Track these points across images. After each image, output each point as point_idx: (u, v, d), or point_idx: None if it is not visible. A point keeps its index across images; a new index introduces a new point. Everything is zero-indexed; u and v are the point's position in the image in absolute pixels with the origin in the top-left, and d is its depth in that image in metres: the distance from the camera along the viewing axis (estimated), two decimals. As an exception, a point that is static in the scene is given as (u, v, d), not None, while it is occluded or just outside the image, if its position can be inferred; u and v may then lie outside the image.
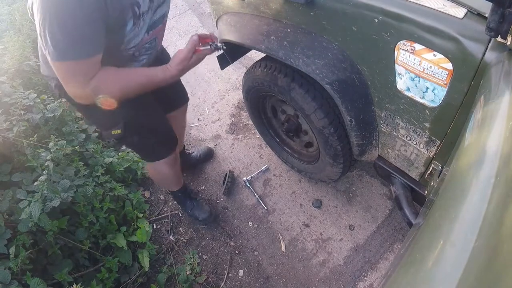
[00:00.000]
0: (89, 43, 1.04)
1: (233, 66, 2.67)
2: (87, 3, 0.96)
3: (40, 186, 1.59)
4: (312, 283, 1.81)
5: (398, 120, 1.29)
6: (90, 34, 1.02)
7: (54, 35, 0.99)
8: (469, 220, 0.55)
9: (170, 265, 1.99)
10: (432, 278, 0.51)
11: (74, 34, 1.00)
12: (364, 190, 2.11)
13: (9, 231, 1.54)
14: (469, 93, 0.99)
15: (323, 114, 1.52)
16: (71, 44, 1.01)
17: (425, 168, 1.34)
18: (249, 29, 1.57)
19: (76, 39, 1.01)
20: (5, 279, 1.40)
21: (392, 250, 1.85)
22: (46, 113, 2.04)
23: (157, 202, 2.31)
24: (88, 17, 0.98)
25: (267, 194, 2.21)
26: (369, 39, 1.15)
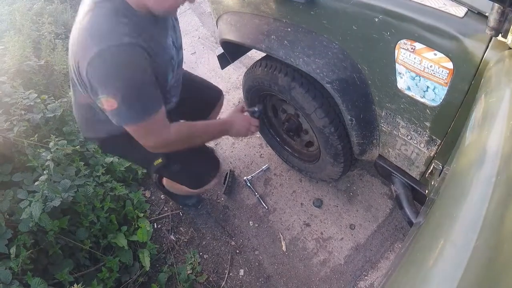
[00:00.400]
0: (154, 100, 1.17)
1: (233, 65, 2.66)
2: (149, 70, 1.12)
3: (41, 186, 1.60)
4: (312, 282, 1.81)
5: (399, 119, 1.29)
6: (153, 93, 1.16)
7: (126, 103, 1.12)
8: (469, 219, 0.55)
9: (171, 264, 1.99)
10: (432, 277, 0.51)
11: (143, 98, 1.13)
12: (364, 190, 2.10)
13: (10, 231, 1.55)
14: (469, 92, 0.99)
15: (323, 113, 1.52)
16: (142, 107, 1.14)
17: (426, 167, 1.34)
18: (250, 29, 1.57)
19: (145, 101, 1.14)
20: (6, 279, 1.40)
21: (392, 250, 1.85)
22: (46, 113, 2.04)
23: (158, 202, 2.31)
24: (150, 80, 1.14)
25: (267, 194, 2.21)
26: (370, 38, 1.15)
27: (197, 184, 1.69)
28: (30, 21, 3.44)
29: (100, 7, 1.10)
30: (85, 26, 1.10)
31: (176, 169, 1.59)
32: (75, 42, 1.14)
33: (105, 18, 1.09)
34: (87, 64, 1.07)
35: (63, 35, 4.31)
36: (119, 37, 1.06)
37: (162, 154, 1.50)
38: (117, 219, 2.00)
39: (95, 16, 1.10)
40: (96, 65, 1.07)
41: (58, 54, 2.91)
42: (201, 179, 1.68)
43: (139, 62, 1.11)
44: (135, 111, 1.15)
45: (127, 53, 1.08)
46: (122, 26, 1.08)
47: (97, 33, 1.07)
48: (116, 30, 1.07)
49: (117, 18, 1.09)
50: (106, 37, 1.06)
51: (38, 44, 3.13)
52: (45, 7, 4.48)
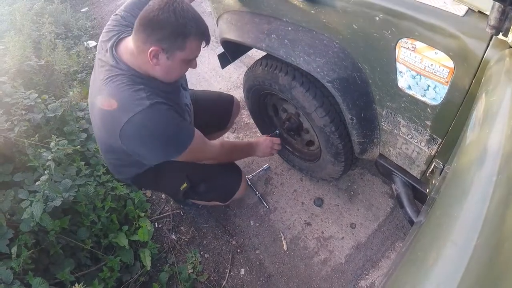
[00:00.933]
0: (187, 131, 1.39)
1: (234, 65, 2.67)
2: (174, 113, 1.32)
3: (42, 186, 1.60)
4: (313, 281, 1.81)
5: (400, 118, 1.29)
6: (184, 127, 1.38)
7: (166, 148, 1.35)
8: (470, 218, 0.55)
9: (172, 264, 1.99)
10: (433, 276, 0.51)
11: (178, 137, 1.36)
12: (365, 189, 2.10)
13: (11, 231, 1.55)
14: (470, 91, 0.98)
15: (324, 112, 1.52)
16: (180, 143, 1.36)
17: (427, 166, 1.34)
18: (250, 28, 1.57)
19: (180, 138, 1.36)
20: (7, 278, 1.40)
21: (393, 249, 1.85)
22: (47, 113, 2.04)
23: (159, 201, 2.31)
24: (178, 121, 1.35)
25: (268, 193, 2.20)
26: (370, 37, 1.15)
27: (226, 197, 1.82)
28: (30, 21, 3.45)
29: (114, 81, 1.26)
30: (107, 101, 1.25)
31: (202, 189, 1.73)
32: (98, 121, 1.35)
33: (123, 89, 1.24)
34: (120, 136, 1.26)
35: (63, 35, 4.32)
36: (142, 103, 1.22)
37: (186, 178, 1.66)
38: (118, 219, 2.00)
39: (113, 91, 1.25)
40: (129, 134, 1.25)
41: (58, 54, 2.91)
42: (228, 191, 1.81)
43: (164, 115, 1.28)
44: (176, 148, 1.36)
45: (153, 113, 1.24)
46: (141, 92, 1.24)
47: (121, 106, 1.23)
48: (137, 98, 1.23)
49: (133, 86, 1.25)
50: (131, 107, 1.22)
51: (39, 44, 3.13)
52: (45, 7, 4.49)
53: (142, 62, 1.27)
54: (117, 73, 1.27)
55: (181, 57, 1.26)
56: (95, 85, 1.36)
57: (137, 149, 1.34)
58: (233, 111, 2.10)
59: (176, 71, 1.33)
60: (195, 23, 1.21)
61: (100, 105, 1.29)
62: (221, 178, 1.76)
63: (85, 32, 4.59)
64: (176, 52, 1.23)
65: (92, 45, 4.24)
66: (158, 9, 1.16)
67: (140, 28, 1.20)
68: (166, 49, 1.21)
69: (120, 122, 1.23)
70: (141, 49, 1.22)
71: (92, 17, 5.01)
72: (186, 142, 1.37)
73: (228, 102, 2.08)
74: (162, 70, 1.28)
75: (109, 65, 1.29)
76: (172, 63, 1.26)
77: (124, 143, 1.29)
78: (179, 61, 1.27)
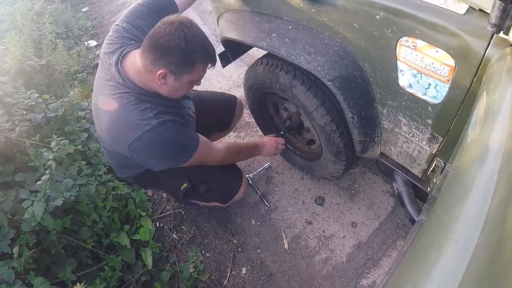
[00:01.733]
0: (192, 139, 1.45)
1: (234, 64, 2.66)
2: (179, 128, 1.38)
3: (43, 185, 1.60)
4: (315, 280, 1.81)
5: (400, 117, 1.29)
6: (189, 136, 1.45)
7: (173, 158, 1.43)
8: (472, 217, 0.55)
9: (173, 263, 1.99)
10: (435, 275, 0.51)
11: (185, 147, 1.42)
12: (366, 187, 2.10)
13: (12, 230, 1.55)
14: (471, 89, 0.98)
15: (325, 111, 1.52)
16: (186, 151, 1.43)
17: (428, 165, 1.34)
18: (250, 27, 1.57)
19: (186, 147, 1.43)
20: (9, 278, 1.41)
21: (394, 247, 1.85)
22: (48, 113, 2.04)
23: (160, 201, 2.31)
24: (183, 134, 1.41)
25: (269, 192, 2.21)
26: (371, 36, 1.15)
27: (225, 198, 1.86)
28: (31, 21, 3.46)
29: (121, 100, 1.31)
30: (114, 120, 1.32)
31: (202, 189, 1.76)
32: (105, 132, 1.39)
33: (131, 109, 1.30)
34: (128, 151, 1.33)
35: (64, 34, 4.33)
36: (149, 122, 1.28)
37: (186, 179, 1.70)
38: (120, 218, 2.01)
39: (121, 110, 1.30)
40: (138, 149, 1.32)
41: (59, 54, 2.91)
42: (228, 193, 1.83)
43: (171, 131, 1.33)
44: (183, 157, 1.43)
45: (160, 131, 1.29)
46: (147, 111, 1.29)
47: (129, 125, 1.29)
48: (144, 117, 1.29)
49: (140, 105, 1.30)
50: (138, 126, 1.28)
51: (39, 44, 3.14)
52: (45, 7, 4.49)
53: (148, 80, 1.30)
54: (124, 91, 1.32)
55: (189, 79, 1.31)
56: (101, 95, 1.39)
57: (145, 160, 1.41)
58: (236, 112, 2.11)
59: (183, 91, 1.39)
60: (204, 50, 1.26)
61: (108, 120, 1.34)
62: (221, 180, 1.78)
63: (86, 32, 4.59)
64: (184, 75, 1.28)
65: (93, 44, 4.23)
66: (169, 35, 1.18)
67: (150, 50, 1.22)
68: (174, 72, 1.25)
69: (128, 140, 1.30)
70: (149, 69, 1.26)
71: (92, 17, 5.01)
72: (192, 150, 1.43)
73: (231, 103, 2.09)
74: (169, 90, 1.33)
75: (115, 81, 1.33)
76: (179, 84, 1.31)
77: (132, 156, 1.37)
78: (186, 83, 1.32)
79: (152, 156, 1.38)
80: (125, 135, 1.31)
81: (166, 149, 1.36)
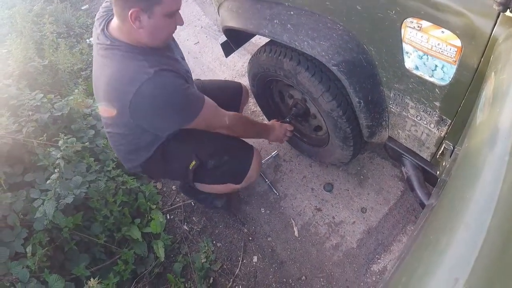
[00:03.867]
0: (197, 97, 1.39)
1: (237, 53, 2.64)
2: (181, 80, 1.33)
3: (53, 184, 1.62)
4: (326, 266, 1.82)
5: (408, 100, 1.27)
6: (193, 93, 1.37)
7: (178, 114, 1.36)
8: (483, 200, 0.54)
9: (185, 254, 2.01)
10: (447, 259, 0.51)
11: (189, 103, 1.36)
12: (375, 172, 2.09)
13: (25, 230, 1.58)
14: (479, 70, 0.96)
15: (331, 96, 1.50)
16: (191, 109, 1.37)
17: (437, 148, 1.32)
18: (252, 14, 1.55)
19: (191, 103, 1.36)
20: (24, 277, 1.43)
21: (405, 232, 1.85)
22: (54, 112, 2.05)
23: (170, 193, 2.33)
24: (186, 87, 1.33)
25: (278, 180, 2.21)
26: (375, 18, 1.13)
27: (239, 175, 1.72)
28: (31, 23, 3.45)
29: (113, 58, 1.28)
30: (110, 77, 1.28)
31: (211, 165, 1.65)
32: (104, 92, 1.34)
33: (124, 62, 1.27)
34: (129, 110, 1.27)
35: (65, 33, 4.32)
36: (146, 71, 1.23)
37: (194, 155, 1.61)
38: (130, 212, 2.03)
39: (115, 65, 1.28)
40: (139, 106, 1.26)
41: (61, 53, 2.92)
42: (240, 167, 1.71)
43: (171, 81, 1.28)
44: (188, 113, 1.36)
45: (160, 80, 1.24)
46: (143, 62, 1.25)
47: (126, 78, 1.25)
48: (140, 67, 1.24)
49: (134, 58, 1.27)
50: (135, 77, 1.23)
51: (41, 44, 3.14)
52: (45, 8, 4.49)
53: (128, 31, 1.27)
54: (114, 49, 1.29)
55: (162, 11, 1.23)
56: (96, 71, 1.38)
57: (149, 120, 1.36)
58: (242, 99, 2.08)
59: (163, 30, 1.31)
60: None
61: (104, 84, 1.30)
62: (231, 153, 1.70)
63: (87, 30, 4.58)
64: (154, 7, 1.21)
65: (95, 41, 4.23)
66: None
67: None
68: (144, 8, 1.20)
69: (127, 95, 1.24)
70: (123, 17, 1.22)
71: (92, 14, 4.99)
72: (198, 107, 1.37)
73: (236, 90, 2.06)
74: (148, 32, 1.26)
75: (105, 45, 1.31)
76: (155, 22, 1.24)
77: (134, 117, 1.31)
78: (161, 17, 1.24)
79: (156, 113, 1.31)
80: (124, 92, 1.25)
81: (169, 102, 1.29)
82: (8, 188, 1.69)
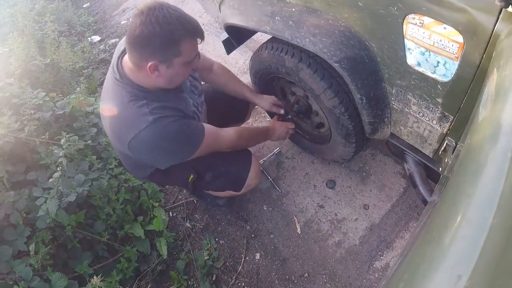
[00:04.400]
0: (195, 130, 1.39)
1: (239, 50, 2.64)
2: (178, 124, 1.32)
3: (55, 182, 1.62)
4: (328, 263, 1.82)
5: (410, 96, 1.26)
6: (191, 128, 1.37)
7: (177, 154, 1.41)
8: (485, 196, 0.54)
9: (188, 251, 2.02)
10: (449, 256, 0.51)
11: (187, 140, 1.38)
12: (377, 169, 2.09)
13: (28, 228, 1.58)
14: (481, 66, 0.96)
15: (333, 93, 1.50)
16: (191, 143, 1.39)
17: (439, 145, 1.32)
18: (253, 11, 1.54)
19: (190, 139, 1.39)
20: (27, 276, 1.44)
21: (407, 229, 1.84)
22: (56, 111, 2.06)
23: (172, 190, 2.33)
24: (183, 129, 1.34)
25: (280, 177, 2.21)
26: (376, 14, 1.12)
27: (237, 184, 1.76)
28: (32, 21, 3.46)
29: (118, 96, 1.30)
30: (112, 119, 1.33)
31: (209, 177, 1.69)
32: (109, 130, 1.40)
33: (127, 106, 1.28)
34: (128, 149, 1.31)
35: (67, 32, 4.33)
36: (145, 119, 1.25)
37: (192, 169, 1.65)
38: (133, 210, 2.03)
39: (119, 106, 1.30)
40: (137, 148, 1.30)
41: (63, 51, 2.92)
42: (238, 176, 1.74)
43: (169, 127, 1.29)
44: (189, 149, 1.40)
45: (157, 128, 1.26)
46: (144, 107, 1.27)
47: (126, 122, 1.28)
48: (140, 115, 1.26)
49: (137, 101, 1.28)
50: (135, 123, 1.26)
51: (42, 43, 3.15)
52: (46, 6, 4.50)
53: (143, 77, 1.28)
54: (121, 87, 1.31)
55: (180, 62, 1.24)
56: (106, 92, 1.41)
57: (148, 158, 1.40)
58: (251, 103, 2.06)
59: (180, 76, 1.33)
60: (182, 26, 1.17)
61: (109, 119, 1.35)
62: (227, 164, 1.71)
63: (88, 28, 4.58)
64: (173, 59, 1.22)
65: (96, 40, 4.23)
66: (142, 25, 1.13)
67: (132, 48, 1.20)
68: (163, 60, 1.20)
69: (126, 139, 1.29)
70: (139, 66, 1.23)
71: (94, 12, 5.00)
72: (198, 141, 1.40)
73: (243, 103, 2.04)
74: (166, 80, 1.28)
75: (115, 77, 1.33)
76: (173, 71, 1.26)
77: (134, 155, 1.36)
78: (179, 67, 1.26)
79: (154, 153, 1.36)
80: (124, 134, 1.30)
81: (166, 145, 1.33)
82: (11, 186, 1.70)
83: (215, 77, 1.79)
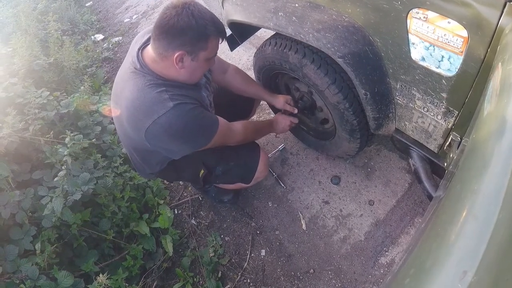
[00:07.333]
0: (211, 122, 1.44)
1: (243, 46, 2.64)
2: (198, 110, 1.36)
3: (60, 181, 1.63)
4: (334, 259, 1.82)
5: (414, 91, 1.26)
6: (208, 119, 1.42)
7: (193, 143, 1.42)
8: (491, 191, 0.54)
9: (194, 248, 2.03)
10: (455, 252, 0.50)
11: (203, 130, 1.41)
12: (382, 165, 2.08)
13: (33, 227, 1.60)
14: (486, 60, 0.95)
15: (337, 89, 1.49)
16: (206, 133, 1.42)
17: (444, 140, 1.31)
18: (256, 7, 1.54)
19: (205, 130, 1.42)
20: (33, 274, 1.45)
21: (412, 224, 1.84)
22: (60, 109, 2.07)
23: (177, 188, 2.34)
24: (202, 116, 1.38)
25: (285, 173, 2.21)
26: (380, 9, 1.12)
27: (246, 176, 1.81)
28: (35, 21, 3.47)
29: (138, 84, 1.32)
30: (130, 102, 1.33)
31: (219, 171, 1.74)
32: (124, 121, 1.40)
33: (146, 91, 1.30)
34: (145, 136, 1.32)
35: (70, 31, 4.34)
36: (165, 105, 1.27)
37: (202, 165, 1.70)
38: (138, 208, 2.04)
39: (137, 93, 1.31)
40: (155, 134, 1.31)
41: (66, 50, 2.93)
42: (247, 169, 1.79)
43: (189, 114, 1.32)
44: (203, 139, 1.43)
45: (178, 114, 1.29)
46: (164, 93, 1.29)
47: (145, 108, 1.29)
48: (160, 99, 1.28)
49: (156, 88, 1.30)
50: (155, 109, 1.28)
51: (46, 42, 3.16)
52: (49, 5, 4.51)
53: (165, 67, 1.32)
54: (141, 76, 1.33)
55: (204, 56, 1.31)
56: (120, 83, 1.42)
57: (164, 146, 1.40)
58: (256, 100, 2.10)
59: (200, 71, 1.39)
60: (213, 23, 1.27)
61: (125, 105, 1.35)
62: (236, 157, 1.76)
63: (91, 26, 4.59)
64: (199, 53, 1.29)
65: (100, 38, 4.24)
66: (177, 15, 1.20)
67: (161, 36, 1.24)
68: (190, 51, 1.26)
69: (144, 124, 1.30)
70: (164, 56, 1.27)
71: (97, 11, 5.00)
72: (213, 131, 1.43)
73: (248, 100, 2.06)
74: (188, 72, 1.33)
75: (134, 67, 1.35)
76: (196, 64, 1.32)
77: (150, 142, 1.36)
78: (202, 61, 1.32)
79: (171, 141, 1.36)
80: (141, 120, 1.31)
81: (184, 132, 1.34)
82: (16, 186, 1.71)
83: (230, 79, 1.82)
